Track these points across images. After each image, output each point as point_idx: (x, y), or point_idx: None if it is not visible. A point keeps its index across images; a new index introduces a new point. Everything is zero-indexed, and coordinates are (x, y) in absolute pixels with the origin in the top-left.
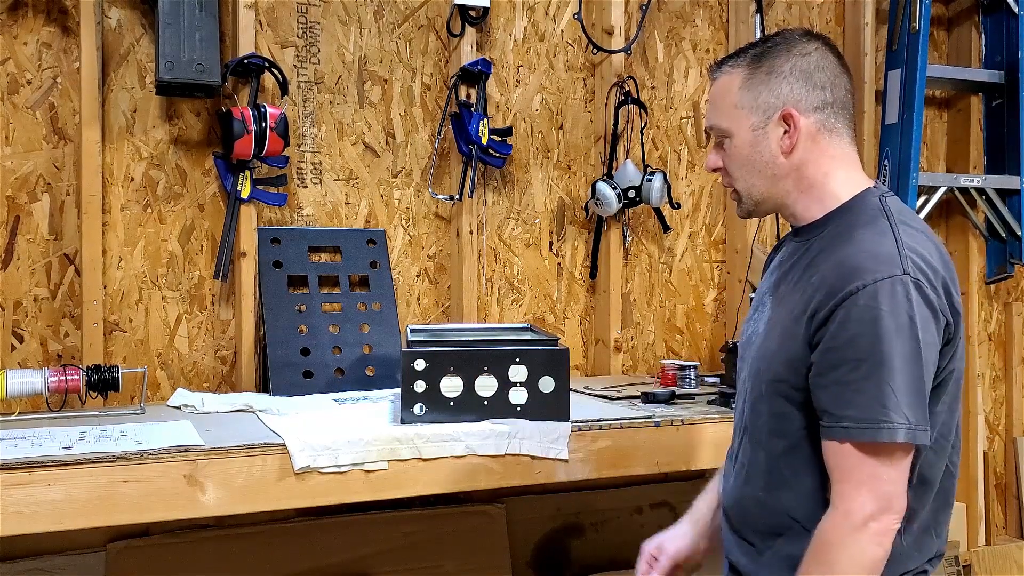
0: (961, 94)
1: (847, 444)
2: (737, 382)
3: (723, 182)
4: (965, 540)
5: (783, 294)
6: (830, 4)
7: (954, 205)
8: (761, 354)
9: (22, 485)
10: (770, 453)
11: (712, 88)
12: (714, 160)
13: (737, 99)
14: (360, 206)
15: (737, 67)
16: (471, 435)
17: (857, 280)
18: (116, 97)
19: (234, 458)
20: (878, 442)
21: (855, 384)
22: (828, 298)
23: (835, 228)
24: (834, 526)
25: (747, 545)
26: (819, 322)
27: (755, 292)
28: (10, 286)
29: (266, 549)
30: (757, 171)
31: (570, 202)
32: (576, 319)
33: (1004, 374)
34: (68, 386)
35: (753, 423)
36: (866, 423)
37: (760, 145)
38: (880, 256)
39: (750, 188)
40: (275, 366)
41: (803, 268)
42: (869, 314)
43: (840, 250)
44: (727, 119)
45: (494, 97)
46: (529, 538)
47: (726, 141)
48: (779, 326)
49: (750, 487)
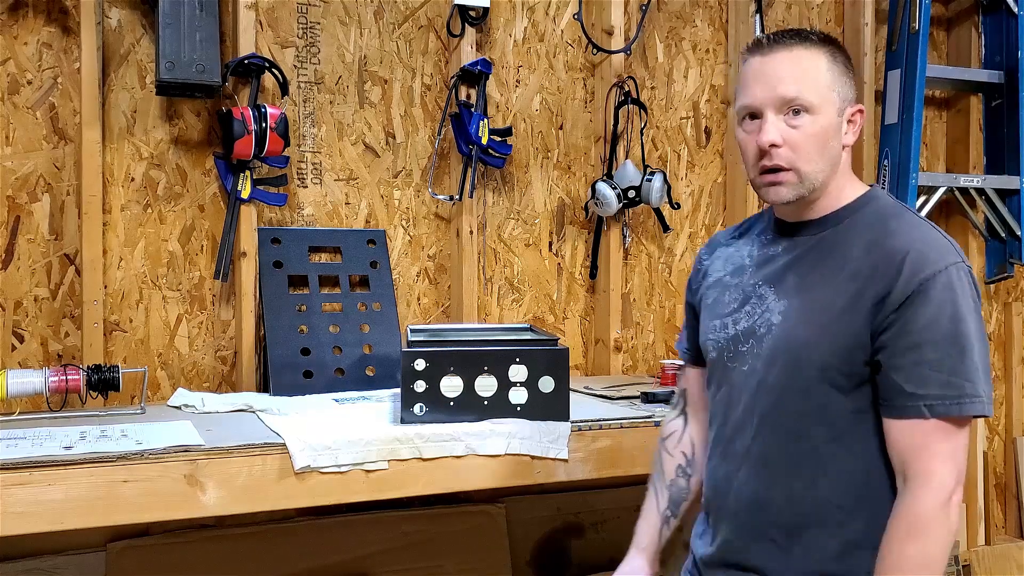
0: (961, 94)
1: (931, 421)
2: (731, 376)
3: (771, 161)
4: (965, 540)
5: (803, 285)
6: (830, 4)
7: (954, 205)
8: (792, 344)
9: (22, 485)
10: (810, 442)
11: (788, 58)
12: (781, 131)
13: (828, 80)
14: (360, 206)
15: (814, 48)
16: (471, 435)
17: (931, 267)
18: (116, 97)
19: (234, 458)
20: (962, 416)
21: (936, 363)
22: (904, 284)
23: (859, 220)
24: (928, 503)
25: (770, 544)
26: (892, 307)
27: (712, 286)
28: (10, 286)
29: (266, 549)
30: (828, 156)
31: (570, 202)
32: (576, 319)
33: (1004, 374)
34: (68, 386)
35: (781, 413)
36: (950, 399)
37: (838, 131)
38: (940, 246)
39: (816, 171)
40: (275, 366)
41: (831, 257)
42: (947, 296)
43: (893, 240)
44: (817, 96)
45: (494, 97)
46: (529, 538)
47: (804, 117)
48: (817, 315)
49: (776, 481)
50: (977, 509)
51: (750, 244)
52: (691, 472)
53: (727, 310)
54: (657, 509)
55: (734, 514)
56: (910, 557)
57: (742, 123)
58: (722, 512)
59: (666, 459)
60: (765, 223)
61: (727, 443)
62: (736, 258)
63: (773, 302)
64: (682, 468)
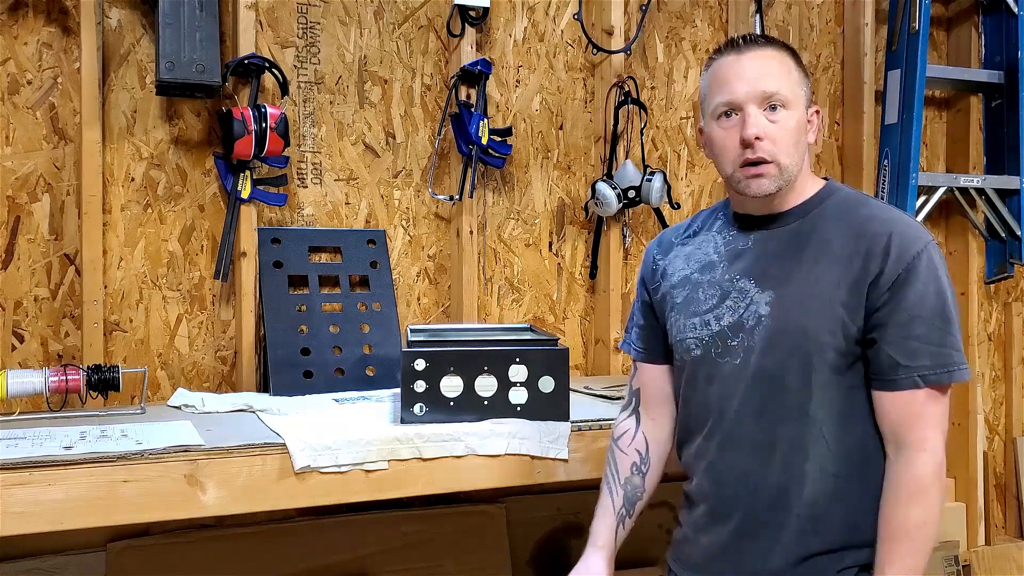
0: (961, 94)
1: (922, 391)
2: (721, 370)
3: (755, 154)
4: (965, 540)
5: (784, 274)
6: (830, 4)
7: (954, 205)
8: (787, 332)
9: (22, 485)
10: (814, 424)
11: (762, 56)
12: (763, 125)
13: (797, 78)
14: (360, 206)
15: (782, 50)
16: (471, 435)
17: (915, 247)
18: (116, 97)
19: (234, 458)
20: (950, 384)
21: (926, 336)
22: (894, 264)
23: (826, 210)
24: (928, 467)
25: (783, 524)
26: (885, 286)
27: (678, 284)
28: (10, 286)
29: (266, 549)
30: (801, 150)
31: (570, 202)
32: (576, 319)
33: (1004, 374)
34: (68, 386)
35: (782, 400)
36: (940, 369)
37: (806, 127)
38: (915, 226)
39: (793, 164)
40: (275, 366)
41: (809, 245)
42: (931, 274)
43: (871, 224)
44: (791, 92)
45: (494, 97)
46: (529, 538)
47: (781, 112)
48: (808, 299)
49: (784, 464)
50: (977, 509)
51: (712, 241)
52: (645, 470)
53: (704, 307)
54: (613, 508)
55: (747, 502)
56: (915, 518)
57: (718, 120)
58: (730, 502)
59: (620, 457)
60: (723, 220)
61: (726, 436)
62: (699, 255)
63: (756, 294)
64: (636, 466)
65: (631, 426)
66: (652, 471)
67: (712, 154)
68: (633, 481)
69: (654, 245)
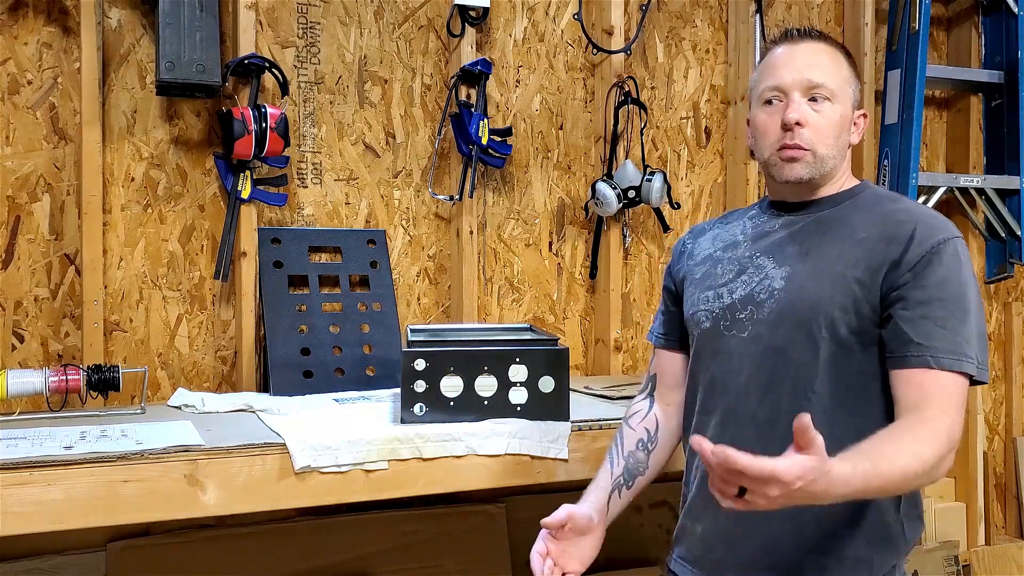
0: (961, 94)
1: (935, 372)
2: (728, 344)
3: (793, 139)
4: (965, 540)
5: (804, 252)
6: (830, 4)
7: (954, 205)
8: (798, 304)
9: (22, 485)
10: (818, 403)
11: (814, 49)
12: (805, 112)
13: (847, 75)
14: (360, 206)
15: (836, 47)
16: (471, 435)
17: (943, 233)
18: (116, 97)
19: (234, 458)
20: (962, 373)
21: (941, 320)
22: (917, 247)
23: (858, 202)
24: (939, 435)
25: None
26: (908, 266)
27: (701, 262)
28: (10, 286)
29: (266, 549)
30: (841, 145)
31: (570, 202)
32: (576, 319)
33: (1004, 374)
34: (68, 386)
35: (787, 375)
36: (952, 355)
37: (849, 126)
38: (943, 220)
39: (830, 156)
40: (275, 366)
41: (834, 230)
42: (956, 262)
43: (899, 214)
44: (838, 87)
45: (494, 97)
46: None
47: (825, 104)
48: (823, 274)
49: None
50: (977, 509)
51: (741, 224)
52: (651, 448)
53: (721, 281)
54: (611, 475)
55: None
56: (907, 451)
57: (763, 106)
58: None
59: (627, 433)
60: (758, 209)
61: (728, 412)
62: (726, 236)
63: (773, 270)
64: (643, 442)
65: (644, 407)
66: (658, 450)
67: (754, 140)
68: (637, 455)
69: (687, 234)
